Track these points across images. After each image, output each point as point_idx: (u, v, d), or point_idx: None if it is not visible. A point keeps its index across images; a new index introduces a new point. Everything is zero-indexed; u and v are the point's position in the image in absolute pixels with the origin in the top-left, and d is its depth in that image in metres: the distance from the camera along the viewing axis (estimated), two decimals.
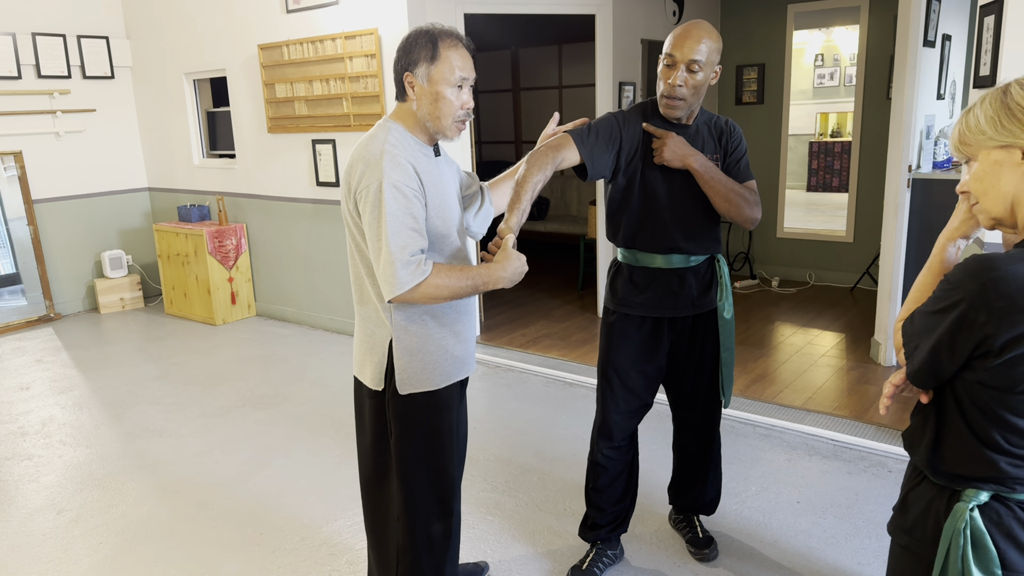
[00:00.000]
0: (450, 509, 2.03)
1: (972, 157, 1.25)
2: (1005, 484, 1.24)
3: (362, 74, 4.67)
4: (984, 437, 1.23)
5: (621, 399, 2.39)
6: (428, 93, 1.82)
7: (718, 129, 2.30)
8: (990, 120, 1.20)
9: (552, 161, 2.05)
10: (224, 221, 5.73)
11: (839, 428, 3.49)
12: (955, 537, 1.25)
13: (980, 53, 2.94)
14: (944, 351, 1.22)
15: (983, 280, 1.15)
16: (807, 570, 2.51)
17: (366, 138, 1.85)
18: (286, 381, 4.40)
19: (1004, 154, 1.19)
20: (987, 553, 1.24)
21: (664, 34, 5.59)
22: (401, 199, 1.74)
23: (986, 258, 1.17)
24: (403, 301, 1.77)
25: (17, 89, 5.64)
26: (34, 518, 2.98)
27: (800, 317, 5.36)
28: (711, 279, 2.36)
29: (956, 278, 1.20)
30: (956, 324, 1.19)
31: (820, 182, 10.73)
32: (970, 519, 1.25)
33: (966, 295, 1.17)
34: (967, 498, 1.26)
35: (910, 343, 1.30)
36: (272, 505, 3.01)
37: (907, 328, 1.31)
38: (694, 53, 2.08)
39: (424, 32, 1.82)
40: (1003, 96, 1.18)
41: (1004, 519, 1.25)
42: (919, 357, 1.26)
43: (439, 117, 1.83)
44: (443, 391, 1.94)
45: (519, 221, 1.91)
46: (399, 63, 1.83)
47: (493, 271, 1.82)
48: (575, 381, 4.23)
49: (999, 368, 1.17)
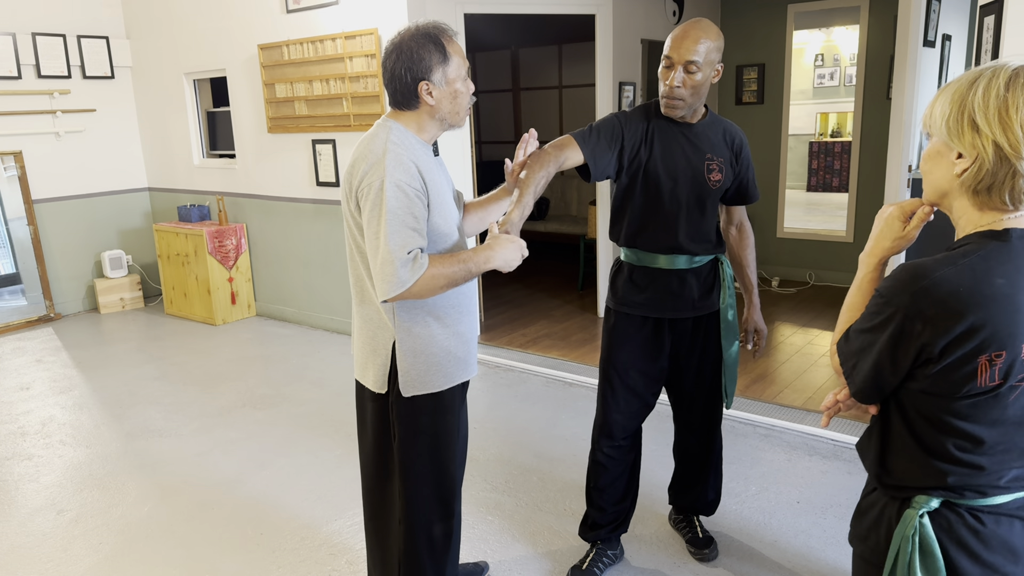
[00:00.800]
0: (451, 511, 2.03)
1: (930, 136, 1.26)
2: (953, 491, 1.23)
3: (362, 74, 4.67)
4: (931, 446, 1.23)
5: (622, 399, 2.38)
6: (447, 93, 1.83)
7: (730, 137, 2.29)
8: (943, 113, 1.19)
9: (555, 160, 2.03)
10: (224, 221, 5.73)
11: (839, 428, 3.49)
12: (903, 544, 1.25)
13: (980, 53, 2.94)
14: (886, 366, 1.22)
15: (914, 289, 1.15)
16: (807, 570, 2.51)
17: (367, 137, 1.84)
18: (286, 381, 4.40)
19: (945, 148, 1.20)
20: (935, 562, 1.23)
21: (664, 34, 5.59)
22: (403, 198, 1.73)
23: (914, 267, 1.17)
24: (401, 298, 1.76)
25: (17, 89, 5.64)
26: (34, 518, 2.98)
27: (800, 317, 5.36)
28: (714, 281, 2.36)
29: (888, 290, 1.20)
30: (894, 338, 1.18)
31: (820, 182, 10.73)
32: (919, 526, 1.24)
33: (900, 306, 1.17)
34: (917, 505, 1.25)
35: (847, 362, 1.29)
36: (272, 505, 3.01)
37: (842, 347, 1.31)
38: (691, 54, 2.08)
39: (422, 35, 1.80)
40: (967, 92, 1.17)
41: (954, 526, 1.23)
42: (860, 375, 1.26)
43: (458, 112, 1.87)
44: (446, 393, 1.94)
45: (522, 216, 1.88)
46: (407, 73, 1.79)
47: (481, 253, 1.79)
48: (575, 381, 4.23)
49: (940, 374, 1.17)
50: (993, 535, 1.23)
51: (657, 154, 2.21)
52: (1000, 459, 1.20)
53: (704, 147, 2.24)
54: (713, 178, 2.24)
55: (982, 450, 1.20)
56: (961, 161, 1.17)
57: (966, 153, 1.16)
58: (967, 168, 1.17)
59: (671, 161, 2.21)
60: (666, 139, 2.22)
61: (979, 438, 1.19)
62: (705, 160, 2.23)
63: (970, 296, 1.12)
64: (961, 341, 1.13)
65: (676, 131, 2.22)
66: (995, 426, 1.19)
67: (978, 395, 1.17)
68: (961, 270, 1.14)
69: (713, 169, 2.24)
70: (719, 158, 2.25)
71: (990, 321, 1.12)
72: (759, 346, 2.49)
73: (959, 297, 1.12)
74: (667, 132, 2.22)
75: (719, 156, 2.25)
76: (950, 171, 1.20)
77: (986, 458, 1.20)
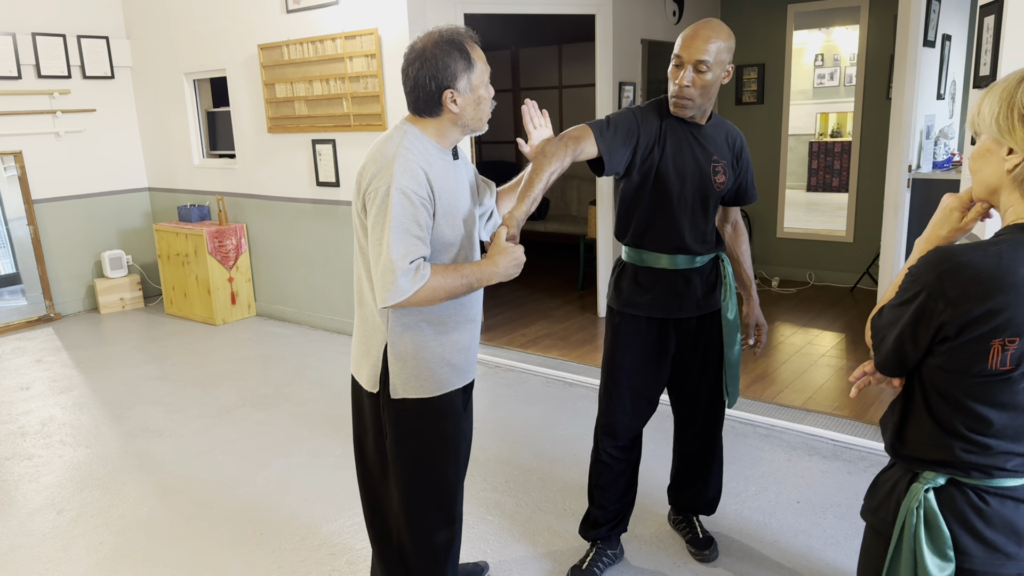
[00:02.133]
0: (452, 515, 2.01)
1: (978, 134, 1.31)
2: (960, 469, 1.28)
3: (362, 74, 4.67)
4: (943, 422, 1.28)
5: (628, 401, 2.38)
6: (471, 100, 1.81)
7: (732, 138, 2.30)
8: (992, 112, 1.24)
9: (571, 152, 2.03)
10: (224, 221, 5.73)
11: (839, 428, 3.49)
12: (908, 516, 1.31)
13: (980, 53, 2.94)
14: (907, 340, 1.28)
15: (940, 270, 1.21)
16: (807, 570, 2.51)
17: (382, 139, 1.82)
18: (286, 381, 4.40)
19: (995, 145, 1.25)
20: (940, 534, 1.28)
21: (664, 34, 5.59)
22: (408, 205, 1.71)
23: (945, 250, 1.24)
24: (400, 306, 1.75)
25: (17, 89, 5.64)
26: (34, 518, 2.98)
27: (800, 317, 5.36)
28: (716, 279, 2.36)
29: (917, 270, 1.26)
30: (917, 314, 1.24)
31: (820, 182, 10.73)
32: (924, 499, 1.30)
33: (925, 285, 1.23)
34: (924, 480, 1.31)
35: (877, 335, 1.36)
36: (272, 505, 3.01)
37: (876, 322, 1.37)
38: (701, 53, 2.08)
39: (446, 42, 1.76)
40: (1015, 90, 1.21)
41: (957, 503, 1.29)
42: (885, 347, 1.33)
43: (481, 117, 1.86)
44: (439, 398, 1.91)
45: (527, 211, 1.88)
46: (432, 82, 1.75)
47: (484, 268, 1.80)
48: (575, 381, 4.23)
49: (954, 351, 1.23)
50: (996, 515, 1.27)
51: (669, 154, 2.20)
52: (1008, 443, 1.25)
53: (711, 149, 2.24)
54: (718, 180, 2.25)
55: (990, 431, 1.25)
56: (1012, 157, 1.22)
57: (1017, 148, 1.21)
58: (1019, 163, 1.22)
59: (681, 162, 2.21)
60: (677, 139, 2.21)
61: (988, 419, 1.24)
62: (712, 162, 2.23)
63: (991, 282, 1.17)
64: (978, 323, 1.18)
65: (687, 132, 2.22)
66: (1005, 410, 1.23)
67: (989, 376, 1.22)
68: (988, 256, 1.19)
69: (718, 171, 2.24)
70: (723, 160, 2.25)
71: (1009, 307, 1.17)
72: (760, 341, 2.50)
73: (980, 281, 1.17)
74: (678, 132, 2.22)
75: (723, 158, 2.26)
76: (1001, 167, 1.24)
77: (994, 440, 1.25)
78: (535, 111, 2.11)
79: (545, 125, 2.13)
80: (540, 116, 2.12)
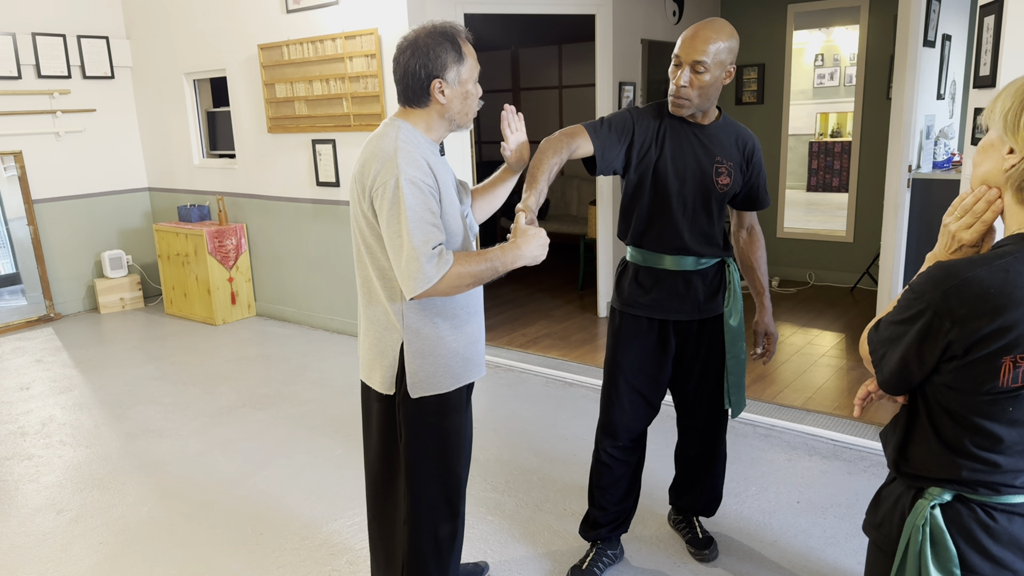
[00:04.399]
0: (457, 511, 2.02)
1: (988, 128, 1.28)
2: (967, 486, 1.24)
3: (362, 74, 4.67)
4: (949, 440, 1.24)
5: (627, 401, 2.37)
6: (459, 93, 1.83)
7: (742, 141, 2.27)
8: (1004, 107, 1.21)
9: (567, 147, 2.04)
10: (224, 221, 5.73)
11: (839, 428, 3.49)
12: (914, 533, 1.27)
13: (980, 53, 2.94)
14: (912, 359, 1.23)
15: (946, 288, 1.16)
16: (807, 570, 2.51)
17: (375, 137, 1.83)
18: (286, 381, 4.40)
19: (999, 141, 1.22)
20: (946, 552, 1.24)
21: (664, 34, 5.60)
22: (419, 194, 1.73)
23: (948, 265, 1.19)
24: (428, 295, 1.75)
25: (17, 89, 5.64)
26: (34, 518, 2.98)
27: (800, 317, 5.36)
28: (720, 284, 2.34)
29: (920, 286, 1.21)
30: (922, 333, 1.20)
31: (820, 182, 10.73)
32: (930, 516, 1.26)
33: (930, 303, 1.18)
34: (930, 496, 1.27)
35: (876, 352, 1.31)
36: (272, 505, 3.01)
37: (873, 336, 1.33)
38: (699, 54, 2.07)
39: (438, 33, 1.79)
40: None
41: (964, 519, 1.25)
42: (888, 366, 1.28)
43: (467, 112, 1.88)
44: (452, 394, 1.93)
45: (537, 201, 1.88)
46: (422, 70, 1.78)
47: (508, 252, 1.79)
48: (575, 381, 4.23)
49: (963, 370, 1.18)
50: (1004, 531, 1.24)
51: (667, 153, 2.20)
52: (1017, 460, 1.21)
53: (714, 149, 2.22)
54: (721, 181, 2.22)
55: (1000, 448, 1.21)
56: (1011, 156, 1.19)
57: (1018, 149, 1.18)
58: (1015, 164, 1.18)
59: (680, 161, 2.20)
60: (677, 139, 2.20)
61: (998, 436, 1.20)
62: (714, 163, 2.21)
63: (999, 298, 1.12)
64: (988, 341, 1.14)
65: (688, 131, 2.21)
66: (1015, 426, 1.19)
67: (999, 394, 1.17)
68: (994, 271, 1.14)
69: (722, 172, 2.22)
70: (728, 162, 2.23)
71: (1019, 323, 1.12)
72: (769, 351, 2.45)
73: (988, 298, 1.13)
74: (678, 132, 2.21)
75: (729, 160, 2.23)
76: (999, 165, 1.21)
77: (1003, 457, 1.21)
78: (513, 116, 2.11)
79: (520, 129, 2.13)
80: (516, 120, 2.12)
